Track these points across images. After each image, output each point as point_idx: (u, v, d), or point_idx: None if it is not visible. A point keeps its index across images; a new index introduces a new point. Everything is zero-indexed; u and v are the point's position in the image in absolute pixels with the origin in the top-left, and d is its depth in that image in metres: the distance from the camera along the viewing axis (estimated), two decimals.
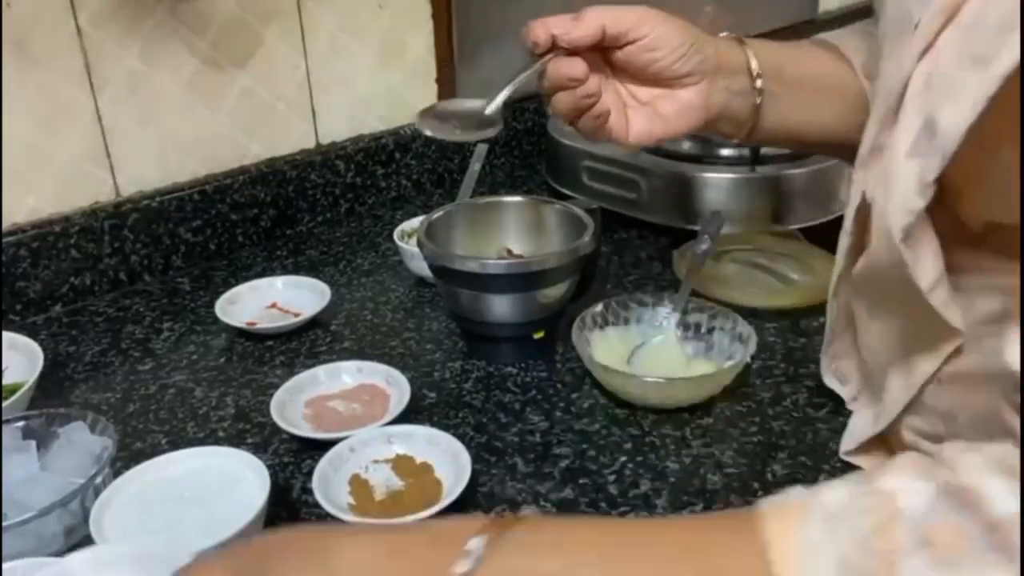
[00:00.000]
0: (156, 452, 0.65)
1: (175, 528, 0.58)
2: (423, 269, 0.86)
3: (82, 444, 0.64)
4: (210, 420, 0.74)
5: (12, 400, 0.69)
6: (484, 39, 1.21)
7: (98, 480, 0.60)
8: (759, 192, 1.03)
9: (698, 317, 0.79)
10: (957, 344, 0.54)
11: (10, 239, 0.88)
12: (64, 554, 0.52)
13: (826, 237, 0.99)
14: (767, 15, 1.64)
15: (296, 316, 0.87)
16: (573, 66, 0.61)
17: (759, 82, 0.66)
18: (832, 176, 1.03)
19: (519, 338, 0.80)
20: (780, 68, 0.67)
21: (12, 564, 0.52)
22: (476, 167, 0.99)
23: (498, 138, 0.63)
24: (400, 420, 0.70)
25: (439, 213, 0.85)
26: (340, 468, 0.65)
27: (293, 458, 0.69)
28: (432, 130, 0.65)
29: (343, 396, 0.75)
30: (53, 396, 0.77)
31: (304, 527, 0.48)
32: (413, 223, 0.99)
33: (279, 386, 0.74)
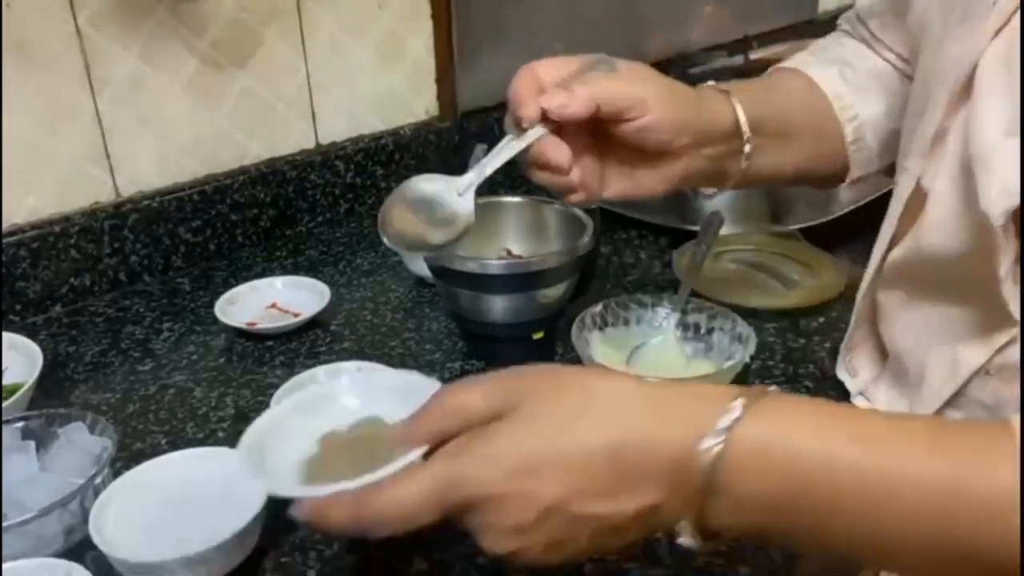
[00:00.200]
0: (156, 452, 0.66)
1: (174, 528, 0.58)
2: (423, 269, 0.86)
3: (82, 444, 0.64)
4: (210, 420, 0.74)
5: (12, 400, 0.69)
6: (484, 39, 1.21)
7: (98, 480, 0.60)
8: (759, 192, 1.03)
9: (697, 317, 0.79)
10: (1012, 334, 0.53)
11: (10, 239, 0.88)
12: (64, 554, 0.52)
13: (826, 237, 0.99)
14: (767, 15, 1.64)
15: (296, 316, 0.87)
16: (558, 153, 0.58)
17: (747, 148, 0.64)
18: None
19: (519, 338, 0.80)
20: (762, 122, 0.65)
21: None
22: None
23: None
24: None
25: None
26: None
27: None
28: (394, 242, 0.62)
29: None
30: (53, 396, 0.78)
31: (555, 365, 0.51)
32: None
33: (279, 386, 0.74)
